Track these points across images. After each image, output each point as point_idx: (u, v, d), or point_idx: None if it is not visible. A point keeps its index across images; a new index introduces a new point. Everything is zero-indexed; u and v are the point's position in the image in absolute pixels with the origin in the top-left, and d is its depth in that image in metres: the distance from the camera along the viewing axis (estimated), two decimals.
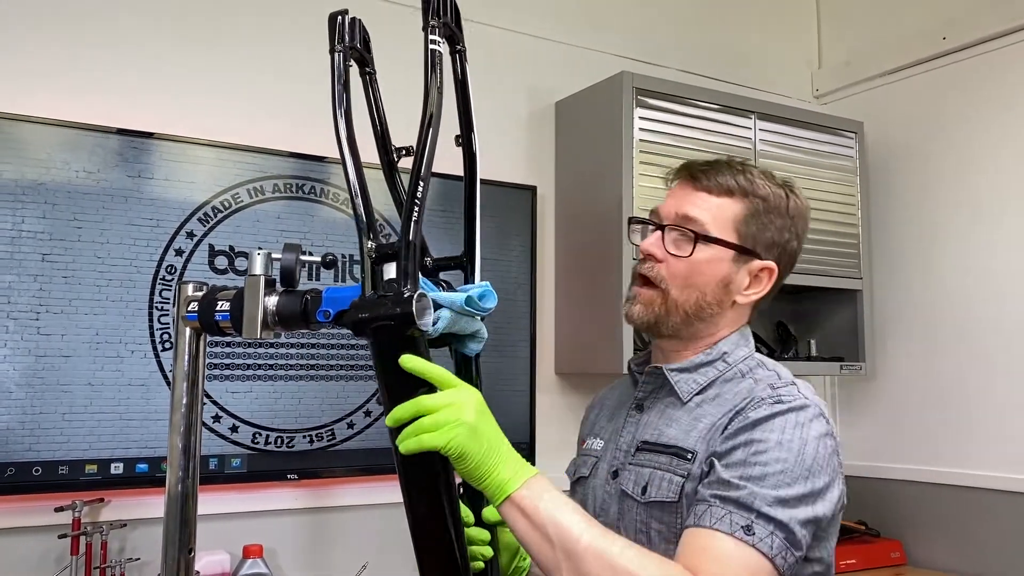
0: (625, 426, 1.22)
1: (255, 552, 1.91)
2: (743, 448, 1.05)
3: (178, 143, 1.96)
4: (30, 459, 1.77)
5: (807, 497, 1.03)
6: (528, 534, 0.93)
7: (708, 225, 1.16)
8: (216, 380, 1.97)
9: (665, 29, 2.83)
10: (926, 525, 2.63)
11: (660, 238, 1.17)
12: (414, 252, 0.90)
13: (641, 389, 1.23)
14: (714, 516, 1.01)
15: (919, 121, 2.77)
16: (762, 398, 1.09)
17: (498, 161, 2.46)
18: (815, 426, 1.07)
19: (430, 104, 0.93)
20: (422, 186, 0.91)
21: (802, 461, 1.03)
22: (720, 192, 1.17)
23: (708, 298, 1.16)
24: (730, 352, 1.19)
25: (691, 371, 1.18)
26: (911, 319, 2.75)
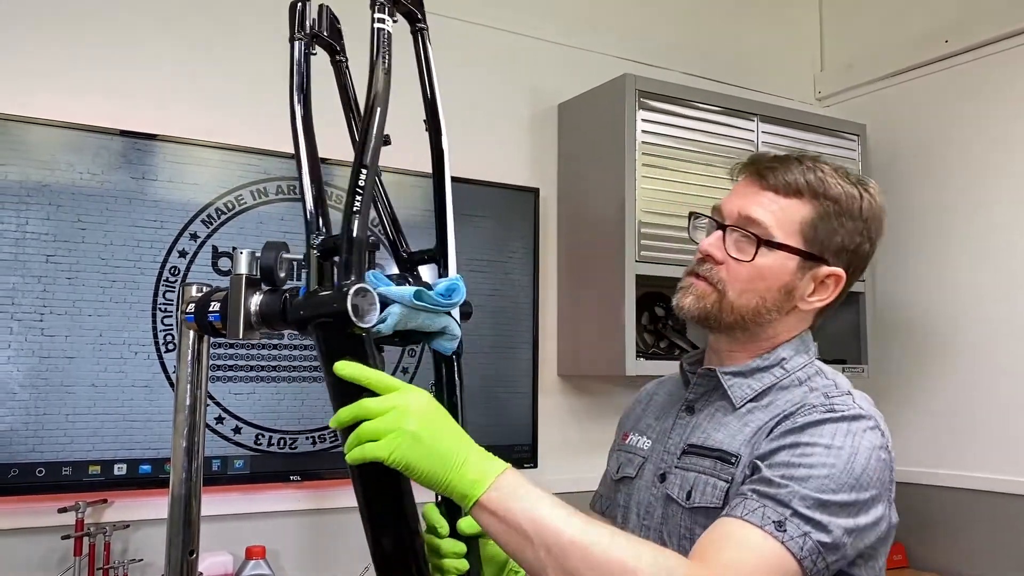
0: (674, 428, 1.17)
1: (258, 553, 1.91)
2: (788, 450, 0.99)
3: (181, 145, 1.97)
4: (34, 460, 1.77)
5: (850, 506, 0.97)
6: (505, 537, 0.87)
7: (772, 229, 1.08)
8: (219, 381, 1.97)
9: (668, 31, 2.83)
10: (929, 528, 2.63)
11: (721, 239, 1.11)
12: (360, 246, 0.85)
13: (692, 391, 1.17)
14: (747, 508, 0.95)
15: (922, 124, 2.77)
16: (814, 405, 1.04)
17: (500, 163, 2.46)
18: (869, 436, 1.02)
19: (375, 86, 0.88)
20: (365, 174, 0.86)
21: (851, 469, 0.98)
22: (788, 192, 1.09)
23: (768, 304, 1.10)
24: (788, 358, 1.12)
25: (746, 376, 1.12)
26: (913, 322, 2.74)
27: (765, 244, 1.08)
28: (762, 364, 1.12)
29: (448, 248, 1.02)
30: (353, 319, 0.82)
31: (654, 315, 2.58)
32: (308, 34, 0.98)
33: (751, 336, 1.12)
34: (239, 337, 0.89)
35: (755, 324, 1.11)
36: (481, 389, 2.28)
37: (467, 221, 2.30)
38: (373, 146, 0.87)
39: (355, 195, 0.86)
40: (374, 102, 0.88)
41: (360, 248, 0.85)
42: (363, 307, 0.84)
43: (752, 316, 1.10)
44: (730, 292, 1.10)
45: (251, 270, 0.91)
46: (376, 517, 0.89)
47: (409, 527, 0.89)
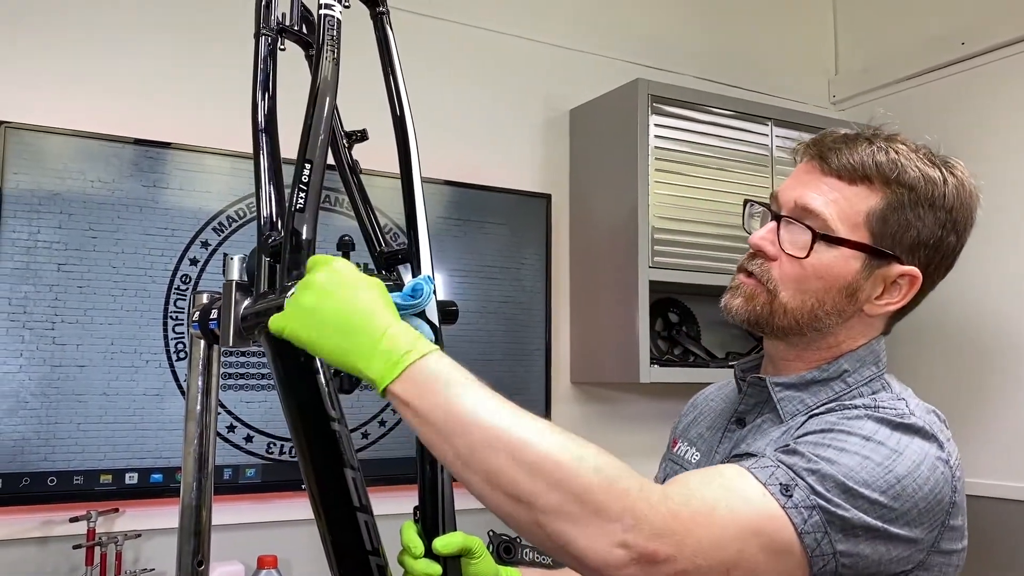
0: (722, 442, 1.05)
1: (270, 563, 1.90)
2: (820, 433, 0.86)
3: (193, 152, 1.97)
4: (45, 469, 1.77)
5: (879, 507, 0.81)
6: (422, 431, 0.75)
7: (833, 221, 0.93)
8: (231, 390, 1.96)
9: (680, 36, 2.81)
10: None
11: (775, 231, 0.97)
12: (306, 245, 0.80)
13: (744, 401, 1.04)
14: (759, 463, 0.82)
15: (938, 127, 2.73)
16: (856, 405, 0.91)
17: (512, 169, 2.45)
18: (922, 447, 0.85)
19: (320, 75, 0.84)
20: (309, 168, 0.81)
21: (891, 468, 0.82)
22: (853, 178, 0.94)
23: (827, 307, 0.95)
24: (852, 371, 0.97)
25: (800, 388, 0.98)
26: (928, 325, 2.71)
27: (823, 239, 0.93)
28: (820, 376, 0.97)
29: (420, 247, 0.95)
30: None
31: (668, 321, 2.56)
32: (274, 29, 0.95)
33: (809, 342, 0.98)
34: (230, 344, 0.86)
35: (812, 330, 0.97)
36: None
37: (479, 228, 2.29)
38: (322, 139, 0.83)
39: (299, 191, 0.81)
40: (319, 92, 0.85)
41: (308, 248, 0.81)
42: None
43: (808, 320, 0.96)
44: (783, 293, 0.96)
45: (242, 276, 0.87)
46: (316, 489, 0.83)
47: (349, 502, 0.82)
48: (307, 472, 0.83)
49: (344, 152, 1.07)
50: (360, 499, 0.82)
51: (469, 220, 2.27)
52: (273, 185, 0.90)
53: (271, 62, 0.94)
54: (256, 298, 0.84)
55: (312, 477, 0.83)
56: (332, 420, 0.83)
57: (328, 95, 0.85)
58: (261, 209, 0.89)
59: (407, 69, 1.04)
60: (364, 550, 0.82)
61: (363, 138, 1.05)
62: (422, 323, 0.86)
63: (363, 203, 1.07)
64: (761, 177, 2.47)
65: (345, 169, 1.07)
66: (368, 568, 0.81)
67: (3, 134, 1.78)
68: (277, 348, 0.81)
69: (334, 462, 0.82)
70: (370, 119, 1.09)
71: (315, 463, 0.83)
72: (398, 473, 2.06)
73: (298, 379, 0.82)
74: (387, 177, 1.07)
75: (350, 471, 0.82)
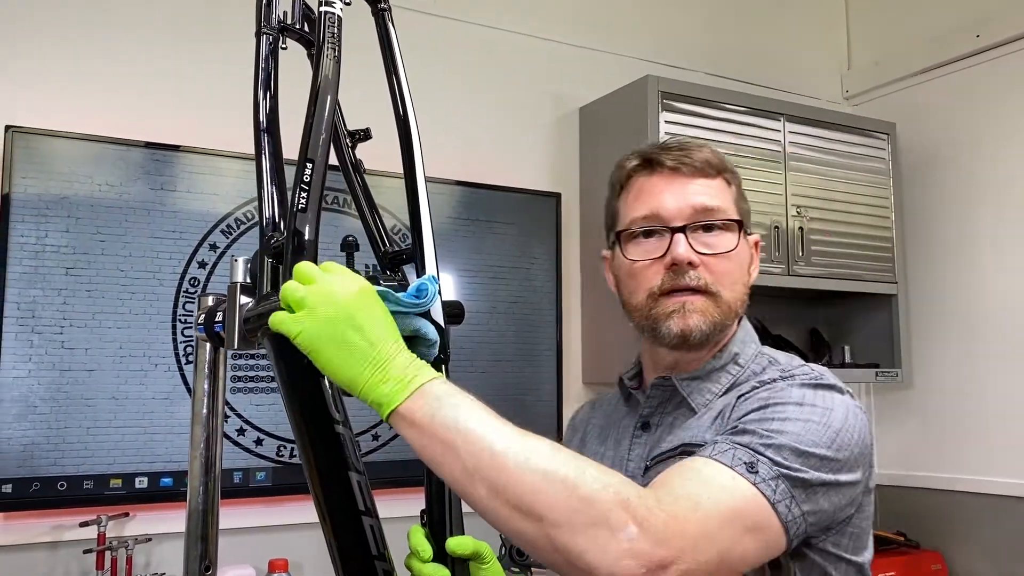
0: (632, 448, 1.08)
1: (280, 566, 1.89)
2: (758, 411, 0.92)
3: (201, 155, 1.96)
4: (55, 474, 1.76)
5: (829, 461, 0.88)
6: (429, 451, 0.76)
7: (730, 210, 1.04)
8: (240, 393, 1.95)
9: (691, 32, 2.79)
10: (968, 536, 2.55)
11: (685, 241, 1.01)
12: (309, 246, 0.78)
13: (647, 405, 1.09)
14: (717, 449, 0.86)
15: (953, 121, 2.71)
16: (773, 378, 0.98)
17: (521, 168, 2.43)
18: (841, 399, 0.94)
19: (321, 73, 0.83)
20: (310, 168, 0.79)
21: (828, 424, 0.90)
22: (711, 174, 1.04)
23: (745, 288, 1.05)
24: (740, 352, 1.05)
25: (702, 379, 1.04)
26: (948, 324, 2.67)
27: (737, 225, 1.03)
28: (717, 364, 1.04)
29: (424, 246, 0.92)
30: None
31: None
32: (276, 27, 0.94)
33: (723, 334, 1.05)
34: (235, 347, 0.84)
35: (737, 315, 1.05)
36: (505, 397, 2.24)
37: (488, 227, 2.27)
38: (323, 138, 0.81)
39: (300, 191, 0.79)
40: (320, 90, 0.83)
41: (309, 248, 0.79)
42: None
43: (739, 307, 1.04)
44: (724, 292, 1.02)
45: (247, 278, 0.86)
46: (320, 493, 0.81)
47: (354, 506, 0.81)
48: (311, 475, 0.82)
49: (347, 151, 1.05)
50: (365, 503, 0.81)
51: (478, 220, 2.25)
52: (275, 186, 0.89)
53: (272, 61, 0.92)
54: (258, 300, 0.82)
55: (316, 481, 0.81)
56: (336, 423, 0.81)
57: (329, 93, 0.83)
58: (264, 210, 0.87)
59: (415, 69, 1.02)
60: (370, 555, 0.80)
61: (366, 137, 1.03)
62: (427, 324, 0.84)
63: (367, 203, 1.05)
64: (774, 174, 2.44)
65: (348, 169, 1.06)
66: (374, 573, 0.80)
67: (10, 138, 1.77)
68: (280, 350, 0.80)
69: (338, 465, 0.81)
70: (377, 118, 1.07)
71: (319, 466, 0.81)
72: (406, 475, 2.04)
73: (301, 381, 0.81)
74: (395, 177, 1.07)
75: (355, 474, 0.81)
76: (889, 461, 2.78)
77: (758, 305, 2.81)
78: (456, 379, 0.82)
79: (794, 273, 2.45)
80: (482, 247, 2.25)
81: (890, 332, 2.65)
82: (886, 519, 2.75)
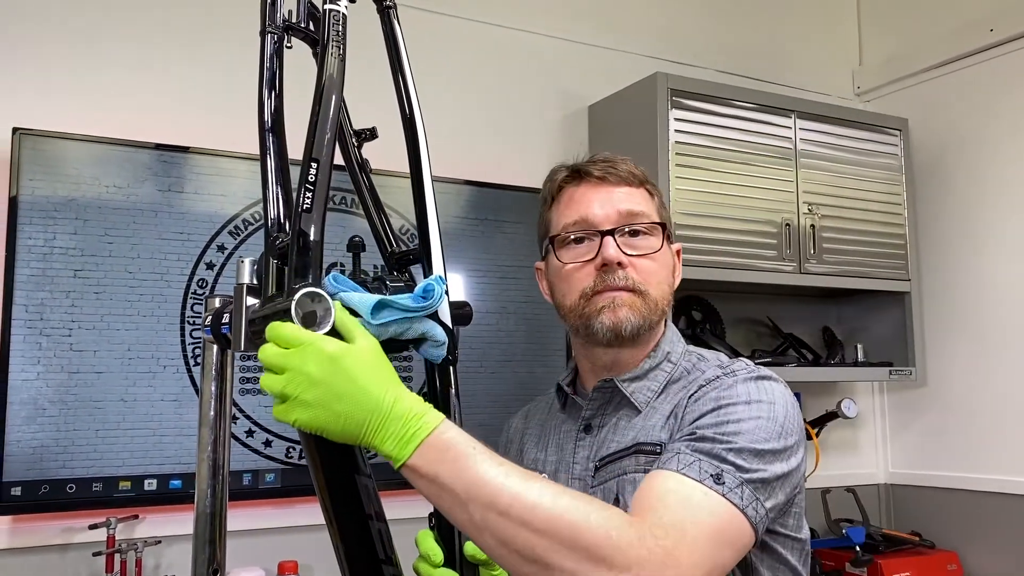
0: (576, 451, 1.13)
1: (290, 569, 1.89)
2: (711, 413, 0.99)
3: (208, 156, 1.95)
4: (64, 476, 1.76)
5: (781, 453, 0.98)
6: (438, 500, 0.80)
7: (653, 215, 1.14)
8: (249, 394, 1.95)
9: (699, 28, 2.77)
10: (984, 536, 2.52)
11: (614, 243, 1.10)
12: (316, 247, 0.78)
13: (588, 407, 1.15)
14: (682, 461, 0.92)
15: (967, 117, 2.68)
16: (716, 376, 1.06)
17: (530, 167, 2.41)
18: (778, 387, 1.04)
19: (325, 72, 0.82)
20: (315, 168, 0.79)
21: (774, 418, 0.99)
22: (634, 183, 1.14)
23: (671, 289, 1.14)
24: (672, 351, 1.15)
25: (642, 378, 1.12)
26: (962, 321, 2.64)
27: (661, 228, 1.12)
28: (654, 363, 1.13)
29: (431, 246, 0.93)
30: (300, 326, 0.75)
31: (692, 319, 2.51)
32: (280, 26, 0.93)
33: (650, 334, 1.13)
34: (241, 349, 0.83)
35: (661, 315, 1.13)
36: (515, 397, 2.23)
37: (497, 227, 2.26)
38: (328, 138, 0.81)
39: (305, 191, 0.78)
40: (325, 90, 0.82)
41: (316, 250, 0.78)
42: (317, 313, 0.76)
43: (665, 306, 1.12)
44: (651, 290, 1.10)
45: (253, 279, 0.85)
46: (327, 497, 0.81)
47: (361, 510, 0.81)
48: (317, 479, 0.81)
49: (353, 151, 1.04)
50: (373, 506, 0.81)
51: (487, 219, 2.24)
52: (280, 186, 0.88)
53: (277, 60, 0.91)
54: (263, 301, 0.81)
55: (323, 484, 0.81)
56: None
57: (334, 92, 0.82)
58: (268, 211, 0.87)
59: (422, 67, 1.01)
60: (377, 559, 0.80)
61: (372, 136, 1.02)
62: (434, 325, 0.84)
63: (373, 203, 1.05)
64: (785, 171, 2.42)
65: (355, 168, 1.05)
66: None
67: (18, 140, 1.77)
68: None
69: (345, 470, 0.80)
70: (383, 117, 1.06)
71: (326, 470, 0.81)
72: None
73: None
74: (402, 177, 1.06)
75: (362, 478, 0.81)
76: (903, 460, 2.76)
77: (769, 304, 2.80)
78: (465, 380, 0.81)
79: (806, 271, 2.43)
80: (491, 247, 2.24)
81: (903, 330, 2.62)
82: (900, 519, 2.72)
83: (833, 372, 2.58)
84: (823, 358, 2.65)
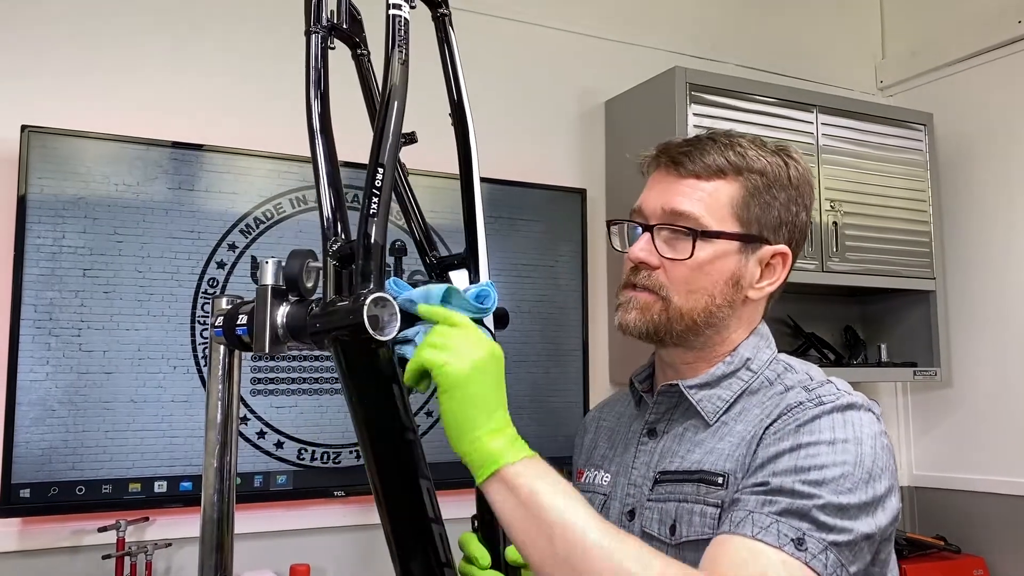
0: (637, 456, 1.06)
1: (302, 571, 1.86)
2: (790, 454, 0.89)
3: (219, 154, 1.93)
4: (73, 478, 1.74)
5: (869, 506, 0.88)
6: (521, 522, 0.79)
7: (704, 218, 0.99)
8: (260, 395, 1.92)
9: (719, 22, 2.72)
10: (1011, 540, 2.46)
11: (650, 240, 1.01)
12: (378, 251, 0.79)
13: (653, 411, 1.07)
14: (757, 524, 0.84)
15: (993, 111, 2.61)
16: (799, 402, 0.94)
17: (546, 164, 2.38)
18: (868, 423, 0.92)
19: (391, 79, 0.83)
20: (381, 172, 0.80)
21: (861, 463, 0.88)
22: (710, 175, 1.00)
23: (718, 301, 1.00)
24: (753, 358, 1.03)
25: (712, 386, 1.02)
26: (988, 320, 2.58)
27: (700, 236, 0.98)
28: (727, 370, 1.02)
29: (479, 252, 0.95)
30: (371, 331, 0.75)
31: None
32: (325, 27, 0.91)
33: (706, 341, 1.03)
34: (265, 351, 0.83)
35: (708, 326, 1.01)
36: (531, 398, 2.20)
37: (512, 224, 2.22)
38: (391, 144, 0.81)
39: (372, 197, 0.79)
40: (390, 96, 0.83)
41: (379, 254, 0.79)
42: (382, 317, 0.77)
43: (704, 318, 1.00)
44: (675, 297, 1.00)
45: (277, 280, 0.85)
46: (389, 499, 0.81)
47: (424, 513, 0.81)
48: (379, 483, 0.81)
49: None
50: (434, 510, 0.81)
51: (502, 217, 2.21)
52: (333, 189, 0.87)
53: (322, 61, 0.90)
54: (325, 304, 0.81)
55: (386, 488, 0.81)
56: (407, 430, 0.81)
57: (398, 99, 0.83)
58: (324, 212, 0.86)
59: (438, 63, 1.00)
60: (440, 563, 0.80)
61: (411, 140, 1.00)
62: (485, 330, 0.86)
63: (413, 208, 1.05)
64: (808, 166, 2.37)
65: (398, 172, 1.04)
66: None
67: (27, 138, 1.75)
68: (352, 357, 0.80)
69: (410, 472, 0.81)
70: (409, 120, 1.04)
71: (389, 473, 0.81)
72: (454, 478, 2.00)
73: (374, 389, 0.81)
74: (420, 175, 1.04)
75: (424, 481, 0.81)
76: (928, 463, 2.70)
77: (791, 302, 2.74)
78: None
79: (828, 269, 2.37)
80: (506, 245, 2.21)
81: (928, 329, 2.57)
82: (925, 523, 2.67)
83: (856, 372, 2.52)
84: (845, 358, 2.60)
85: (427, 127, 1.07)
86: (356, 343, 0.78)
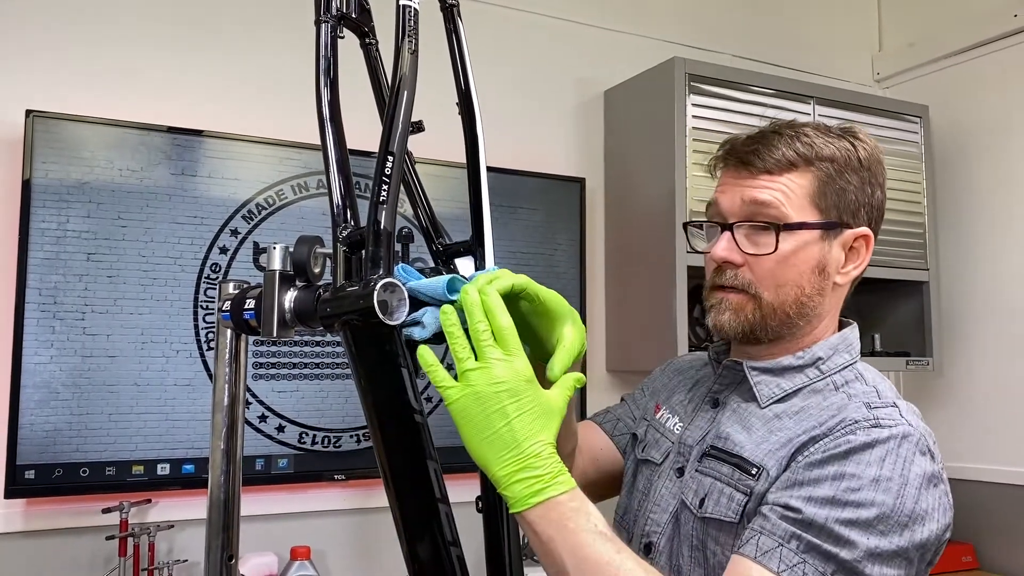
0: (695, 419, 1.09)
1: (303, 554, 1.88)
2: (831, 483, 0.88)
3: (221, 140, 1.94)
4: (77, 460, 1.76)
5: (904, 553, 0.86)
6: (542, 558, 0.83)
7: (784, 209, 0.98)
8: (262, 379, 1.94)
9: (718, 13, 2.73)
10: (999, 528, 2.50)
11: (731, 239, 1.01)
12: (388, 238, 0.81)
13: (718, 382, 1.09)
14: (784, 561, 0.84)
15: (989, 104, 2.64)
16: (855, 420, 0.92)
17: (545, 153, 2.40)
18: (920, 462, 0.90)
19: (400, 68, 0.84)
20: (391, 161, 0.81)
21: (902, 505, 0.87)
22: (782, 168, 0.99)
23: (807, 291, 1.00)
24: (825, 358, 1.02)
25: (775, 374, 1.02)
26: (981, 311, 2.61)
27: (784, 228, 0.98)
28: (795, 363, 1.02)
29: (485, 239, 0.96)
30: (380, 316, 0.77)
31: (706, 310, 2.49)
32: (335, 16, 0.93)
33: (798, 331, 1.02)
34: (273, 335, 0.85)
35: (801, 316, 1.01)
36: None
37: (511, 213, 2.24)
38: (400, 132, 0.83)
39: (381, 184, 0.81)
40: (400, 85, 0.84)
41: (388, 240, 0.81)
42: (391, 303, 0.79)
43: (797, 309, 1.00)
44: (765, 293, 1.00)
45: (285, 265, 0.86)
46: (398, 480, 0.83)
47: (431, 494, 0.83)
48: (387, 464, 0.82)
49: None
50: (440, 490, 0.83)
51: (501, 205, 2.22)
52: (343, 176, 0.88)
53: (332, 50, 0.92)
54: (335, 289, 0.83)
55: (394, 469, 0.82)
56: (416, 412, 0.82)
57: (408, 89, 0.84)
58: (333, 200, 0.87)
59: (436, 51, 1.02)
60: (446, 541, 0.82)
61: (419, 129, 1.02)
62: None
63: (421, 195, 1.06)
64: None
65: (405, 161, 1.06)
66: (449, 559, 0.81)
67: (31, 123, 1.76)
68: (361, 340, 0.81)
69: (417, 453, 0.82)
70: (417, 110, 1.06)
71: (397, 455, 0.83)
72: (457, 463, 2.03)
73: (382, 372, 0.82)
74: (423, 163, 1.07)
75: (432, 463, 0.82)
76: None
77: None
78: None
79: None
80: (505, 233, 2.22)
81: (921, 320, 2.60)
82: None
83: None
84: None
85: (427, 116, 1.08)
86: (366, 327, 0.79)
